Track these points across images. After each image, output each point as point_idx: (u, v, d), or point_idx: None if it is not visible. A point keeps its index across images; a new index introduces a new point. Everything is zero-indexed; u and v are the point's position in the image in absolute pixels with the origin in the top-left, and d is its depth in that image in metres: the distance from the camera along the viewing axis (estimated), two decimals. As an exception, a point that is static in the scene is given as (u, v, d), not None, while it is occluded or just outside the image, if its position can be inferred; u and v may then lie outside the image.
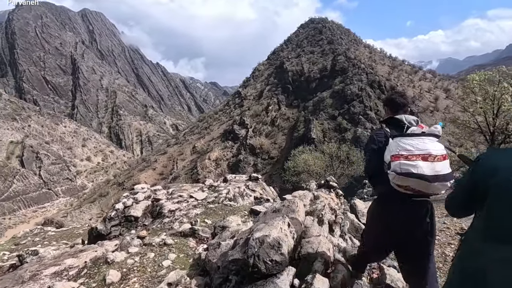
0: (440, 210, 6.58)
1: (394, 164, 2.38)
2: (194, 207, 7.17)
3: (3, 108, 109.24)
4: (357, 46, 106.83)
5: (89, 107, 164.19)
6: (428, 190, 2.36)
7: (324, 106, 62.77)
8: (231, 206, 7.19)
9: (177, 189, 8.92)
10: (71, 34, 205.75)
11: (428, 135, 2.46)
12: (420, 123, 2.65)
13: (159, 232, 5.83)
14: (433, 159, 2.31)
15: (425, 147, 2.35)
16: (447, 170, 2.33)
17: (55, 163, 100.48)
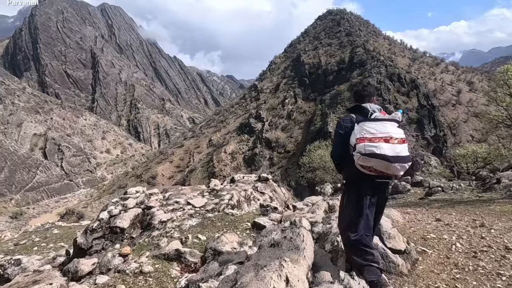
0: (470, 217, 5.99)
1: (359, 146, 2.67)
2: (190, 217, 6.38)
3: (27, 101, 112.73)
4: (376, 38, 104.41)
5: (108, 100, 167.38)
6: (389, 170, 2.66)
7: (341, 99, 61.77)
8: (233, 215, 6.43)
9: (175, 193, 8.15)
10: (91, 29, 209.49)
11: (390, 120, 2.77)
12: (382, 111, 2.94)
13: (145, 248, 5.16)
14: (394, 141, 2.61)
15: (386, 130, 2.66)
16: (406, 153, 2.65)
17: (76, 155, 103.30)
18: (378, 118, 2.81)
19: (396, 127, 2.73)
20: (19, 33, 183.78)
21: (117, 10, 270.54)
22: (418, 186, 12.12)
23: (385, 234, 4.00)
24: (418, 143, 48.97)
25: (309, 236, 3.33)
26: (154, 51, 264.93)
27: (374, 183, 2.83)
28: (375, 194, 2.90)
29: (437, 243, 4.33)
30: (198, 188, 8.84)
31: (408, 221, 5.85)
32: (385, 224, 4.25)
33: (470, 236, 4.59)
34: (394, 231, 4.09)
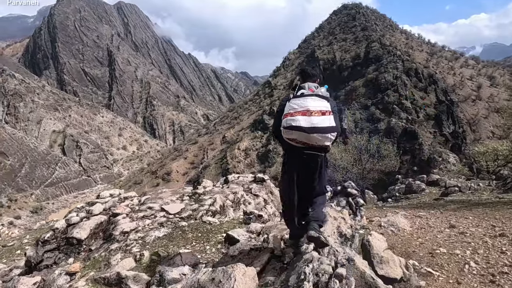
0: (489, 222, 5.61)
1: (283, 121, 2.97)
2: (160, 226, 5.69)
3: (46, 99, 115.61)
4: (393, 32, 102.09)
5: (124, 97, 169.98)
6: (310, 140, 2.89)
7: (356, 95, 60.76)
8: (211, 224, 5.78)
9: (152, 196, 7.57)
10: (107, 27, 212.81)
11: (311, 95, 2.99)
12: (317, 89, 3.13)
13: (96, 266, 4.62)
14: (310, 114, 2.83)
15: (305, 104, 2.89)
16: (327, 124, 2.84)
17: (93, 151, 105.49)
18: (304, 94, 3.04)
19: (318, 101, 2.93)
20: (38, 32, 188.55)
21: (133, 8, 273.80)
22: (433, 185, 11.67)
23: (375, 258, 3.47)
24: (436, 140, 47.76)
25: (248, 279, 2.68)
26: (169, 49, 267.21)
27: (303, 153, 3.03)
28: (306, 165, 3.11)
29: (448, 260, 3.87)
30: (179, 191, 8.20)
31: (418, 228, 5.55)
32: (377, 244, 3.67)
33: (487, 249, 4.03)
34: (388, 253, 3.53)
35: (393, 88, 55.89)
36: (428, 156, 42.13)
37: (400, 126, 47.76)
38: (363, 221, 6.70)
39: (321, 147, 2.99)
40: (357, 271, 3.06)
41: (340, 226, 4.43)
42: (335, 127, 2.89)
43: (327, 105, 2.93)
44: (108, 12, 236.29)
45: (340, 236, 4.30)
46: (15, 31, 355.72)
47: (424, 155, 42.79)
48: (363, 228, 5.91)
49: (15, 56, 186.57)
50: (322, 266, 2.90)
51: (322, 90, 3.10)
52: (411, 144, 44.73)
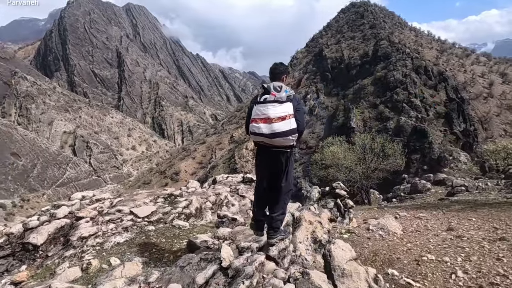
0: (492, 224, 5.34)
1: (250, 126, 3.33)
2: (124, 231, 5.37)
3: (57, 100, 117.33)
4: (402, 29, 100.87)
5: (133, 98, 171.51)
6: (273, 143, 3.25)
7: (365, 94, 60.16)
8: (180, 229, 5.50)
9: (126, 198, 7.27)
10: (116, 29, 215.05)
11: (272, 102, 3.23)
12: (276, 91, 3.32)
13: (46, 274, 4.29)
14: (270, 121, 3.14)
15: (266, 112, 3.18)
16: (287, 128, 3.14)
17: (103, 152, 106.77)
18: (266, 100, 3.28)
19: (278, 107, 3.19)
20: (49, 35, 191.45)
21: (141, 10, 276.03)
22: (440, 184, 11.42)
23: (336, 270, 3.15)
24: (446, 138, 46.99)
25: None
26: (177, 49, 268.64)
27: (271, 151, 3.38)
28: (274, 161, 3.45)
29: (434, 269, 3.58)
30: (155, 193, 7.89)
31: (413, 230, 5.38)
32: (340, 254, 3.35)
33: (482, 255, 3.71)
34: (352, 265, 3.21)
35: (402, 86, 55.15)
36: (438, 155, 41.45)
37: (409, 125, 47.09)
38: (352, 224, 6.47)
39: (285, 146, 3.34)
40: (312, 286, 2.83)
41: (316, 231, 4.23)
42: (294, 129, 3.19)
43: (286, 109, 3.19)
44: (117, 14, 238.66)
45: (314, 242, 4.13)
46: (27, 34, 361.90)
47: (434, 154, 42.10)
48: (349, 232, 5.83)
49: (27, 59, 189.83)
50: (272, 280, 2.81)
51: (283, 95, 3.27)
52: (421, 142, 44.08)
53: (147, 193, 7.81)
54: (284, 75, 3.66)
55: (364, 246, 5.10)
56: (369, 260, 4.52)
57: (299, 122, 3.26)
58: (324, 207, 6.65)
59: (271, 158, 3.44)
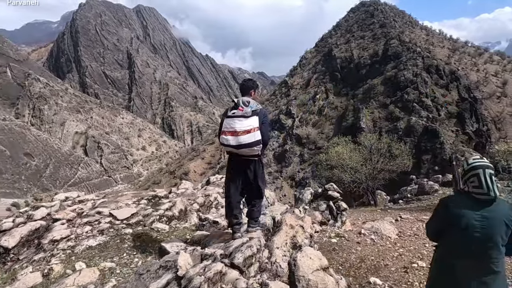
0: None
1: (220, 137, 3.76)
2: (99, 234, 5.23)
3: (69, 101, 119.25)
4: (413, 28, 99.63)
5: (143, 99, 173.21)
6: (241, 153, 3.67)
7: (374, 93, 59.56)
8: (158, 232, 5.39)
9: (109, 200, 7.08)
10: (127, 30, 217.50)
11: (239, 117, 3.61)
12: (244, 106, 3.69)
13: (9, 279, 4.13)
14: (237, 134, 3.52)
15: (233, 126, 3.57)
16: (252, 140, 3.53)
17: (114, 152, 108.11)
18: (233, 115, 3.65)
19: (244, 121, 3.57)
20: (61, 37, 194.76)
21: (151, 11, 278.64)
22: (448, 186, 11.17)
23: (301, 281, 2.85)
24: (458, 139, 46.22)
25: None
26: (187, 50, 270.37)
27: (241, 159, 3.78)
28: (244, 168, 3.85)
29: (422, 277, 3.46)
30: (140, 194, 7.70)
31: (411, 234, 5.25)
32: (306, 264, 3.08)
33: None
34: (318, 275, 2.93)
35: (413, 86, 54.45)
36: (450, 155, 40.81)
37: (420, 125, 46.48)
38: (345, 227, 6.27)
39: (249, 155, 3.71)
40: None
41: (297, 236, 4.10)
42: (259, 140, 3.58)
43: (251, 123, 3.57)
44: (128, 16, 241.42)
45: (293, 248, 3.98)
46: (40, 36, 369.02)
47: (446, 154, 41.46)
48: (338, 236, 5.68)
49: (40, 61, 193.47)
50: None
51: (248, 110, 3.64)
52: (432, 143, 43.47)
53: (132, 194, 7.65)
54: (251, 90, 4.06)
55: (352, 252, 4.97)
56: (353, 267, 4.43)
57: (264, 134, 3.68)
58: (315, 210, 6.54)
59: (241, 165, 3.84)
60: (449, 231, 2.30)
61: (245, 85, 4.05)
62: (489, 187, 2.16)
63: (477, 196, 2.22)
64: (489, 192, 2.17)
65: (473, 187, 2.24)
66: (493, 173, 2.22)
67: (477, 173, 2.22)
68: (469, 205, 2.23)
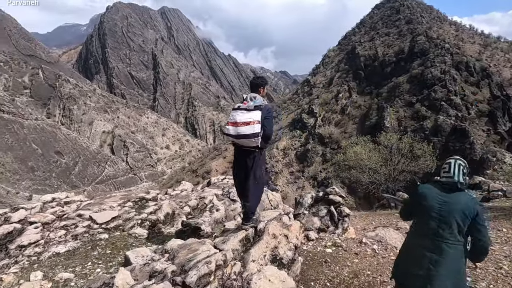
0: None
1: (223, 127, 4.38)
2: (73, 239, 4.93)
3: (97, 101, 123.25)
4: (441, 24, 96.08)
5: (168, 99, 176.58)
6: (241, 143, 3.90)
7: (400, 92, 57.88)
8: (136, 238, 5.05)
9: (95, 202, 6.82)
10: (152, 32, 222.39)
11: (241, 109, 3.85)
12: (249, 101, 3.91)
13: None
14: (237, 125, 3.76)
15: (235, 117, 3.82)
16: (250, 131, 3.71)
17: (139, 150, 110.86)
18: (238, 108, 3.91)
19: (245, 114, 3.79)
20: (90, 39, 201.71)
21: (176, 13, 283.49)
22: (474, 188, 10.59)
23: None
24: (489, 138, 44.18)
25: None
26: (210, 50, 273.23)
27: (242, 150, 4.00)
28: (245, 158, 4.02)
29: None
30: (127, 196, 7.37)
31: None
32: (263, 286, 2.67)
33: (495, 280, 3.07)
34: None
35: (441, 84, 52.49)
36: (480, 156, 39.03)
37: (448, 124, 44.72)
38: (346, 235, 5.80)
39: (249, 146, 3.92)
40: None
41: (279, 247, 3.73)
42: (257, 133, 3.73)
43: (251, 116, 3.76)
44: (153, 17, 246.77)
45: (273, 261, 3.61)
46: (70, 39, 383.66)
47: (476, 155, 39.68)
48: (335, 246, 5.17)
49: (70, 62, 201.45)
50: None
51: (250, 104, 3.84)
52: (461, 143, 41.71)
53: (121, 196, 7.37)
54: (260, 87, 4.21)
55: (346, 264, 4.52)
56: (343, 283, 4.01)
57: (266, 128, 3.87)
58: (315, 215, 6.17)
59: (242, 156, 4.06)
60: (415, 212, 2.66)
61: (254, 83, 4.24)
62: (454, 172, 2.53)
63: (443, 180, 2.58)
64: (453, 176, 2.52)
65: (443, 173, 2.63)
66: (464, 165, 2.59)
67: (449, 162, 2.64)
68: (435, 190, 2.58)
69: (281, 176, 58.23)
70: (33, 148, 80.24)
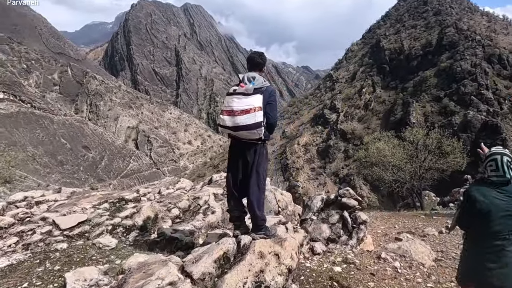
0: None
1: (218, 118, 3.32)
2: (22, 249, 4.21)
3: (122, 98, 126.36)
4: (472, 15, 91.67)
5: (190, 95, 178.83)
6: (240, 136, 3.21)
7: (427, 86, 55.85)
8: (99, 249, 4.14)
9: (70, 202, 5.98)
10: (174, 28, 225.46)
11: (238, 94, 3.15)
12: (248, 81, 3.23)
13: None
14: (233, 114, 3.08)
15: (231, 104, 3.13)
16: (252, 121, 3.04)
17: (162, 146, 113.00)
18: (233, 92, 3.21)
19: (243, 99, 3.10)
20: (115, 37, 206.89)
21: (198, 9, 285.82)
22: None
23: None
24: (524, 135, 41.94)
25: None
26: (232, 46, 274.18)
27: (241, 143, 3.34)
28: (245, 153, 3.36)
29: None
30: (107, 196, 6.47)
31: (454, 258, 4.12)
32: None
33: None
34: None
35: (471, 77, 50.21)
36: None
37: (478, 120, 42.80)
38: (362, 246, 4.91)
39: (249, 139, 3.24)
40: None
41: (266, 270, 2.87)
42: (260, 122, 3.06)
43: (251, 102, 3.08)
44: (176, 14, 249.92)
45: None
46: (97, 37, 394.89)
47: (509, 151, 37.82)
48: (345, 263, 4.10)
49: (96, 60, 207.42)
50: None
51: (249, 87, 3.15)
52: (492, 139, 39.78)
53: (100, 196, 6.55)
54: (263, 67, 3.54)
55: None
56: None
57: (270, 115, 3.23)
58: (324, 221, 5.17)
59: (241, 150, 3.39)
60: (482, 217, 2.40)
61: (252, 59, 3.47)
62: (505, 170, 2.40)
63: (494, 179, 2.44)
64: (505, 175, 2.40)
65: (491, 171, 2.46)
66: (510, 160, 2.42)
67: (495, 158, 2.46)
68: (489, 189, 2.43)
69: (302, 172, 57.72)
70: (62, 142, 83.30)
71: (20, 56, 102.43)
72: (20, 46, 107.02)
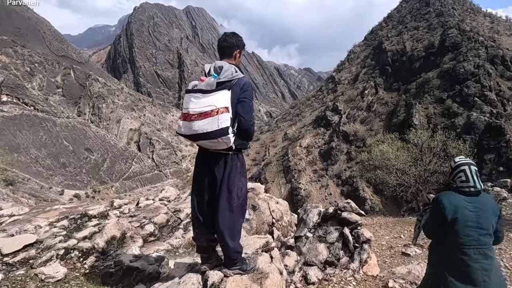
0: None
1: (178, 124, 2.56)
2: None
3: (124, 100, 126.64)
4: (475, 16, 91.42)
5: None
6: (204, 145, 2.51)
7: (429, 88, 55.59)
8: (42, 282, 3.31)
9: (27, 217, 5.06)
10: (177, 31, 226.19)
11: (196, 92, 2.40)
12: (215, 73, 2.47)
13: None
14: (190, 118, 2.34)
15: (187, 106, 2.39)
16: (213, 127, 2.28)
17: (164, 148, 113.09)
18: (192, 89, 2.46)
19: (201, 99, 2.36)
20: (118, 39, 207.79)
21: (200, 12, 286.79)
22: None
23: None
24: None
25: None
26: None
27: (208, 153, 2.60)
28: (212, 166, 2.60)
29: None
30: (70, 211, 5.48)
31: None
32: None
33: None
34: None
35: (474, 79, 49.93)
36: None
37: (482, 121, 42.49)
38: (365, 270, 4.29)
39: (221, 149, 2.49)
40: None
41: None
42: (225, 128, 2.29)
43: (212, 102, 2.32)
44: (178, 17, 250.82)
45: None
46: (100, 39, 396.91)
47: (512, 153, 37.51)
48: None
49: (99, 62, 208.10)
50: None
51: (211, 82, 2.40)
52: (496, 141, 39.54)
53: (64, 209, 5.68)
54: (236, 50, 2.75)
55: None
56: None
57: (242, 118, 2.46)
58: (321, 240, 4.45)
59: (208, 163, 2.63)
60: (448, 225, 2.37)
61: (225, 41, 2.73)
62: (474, 181, 2.39)
63: (465, 190, 2.41)
64: (475, 185, 2.38)
65: (461, 182, 2.44)
66: (476, 168, 2.45)
67: (463, 170, 2.44)
68: (460, 198, 2.40)
69: (304, 174, 57.53)
70: (64, 145, 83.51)
71: (23, 59, 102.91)
72: (23, 49, 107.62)
